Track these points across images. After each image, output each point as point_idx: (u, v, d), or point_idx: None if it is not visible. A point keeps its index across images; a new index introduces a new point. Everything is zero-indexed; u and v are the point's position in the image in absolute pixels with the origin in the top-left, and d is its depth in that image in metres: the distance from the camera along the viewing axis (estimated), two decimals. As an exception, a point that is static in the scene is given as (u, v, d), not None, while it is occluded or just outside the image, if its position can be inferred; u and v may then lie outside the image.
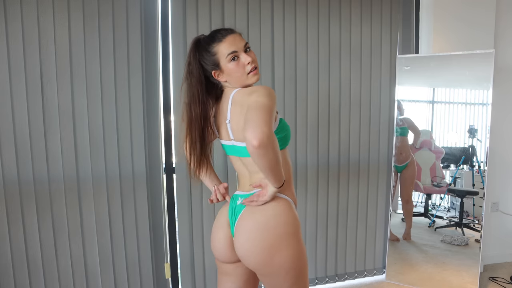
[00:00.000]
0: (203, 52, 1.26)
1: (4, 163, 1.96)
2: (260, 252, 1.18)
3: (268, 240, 1.17)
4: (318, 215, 2.55)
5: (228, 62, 1.24)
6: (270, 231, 1.18)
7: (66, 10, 1.99)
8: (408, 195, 2.73)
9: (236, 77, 1.25)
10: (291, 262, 1.19)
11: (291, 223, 1.21)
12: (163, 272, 2.32)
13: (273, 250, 1.17)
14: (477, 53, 2.44)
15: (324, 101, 2.50)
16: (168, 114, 2.25)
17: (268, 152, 1.05)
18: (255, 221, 1.20)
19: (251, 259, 1.20)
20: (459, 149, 2.62)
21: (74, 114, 2.05)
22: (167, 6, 2.19)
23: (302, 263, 1.23)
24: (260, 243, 1.18)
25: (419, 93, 2.68)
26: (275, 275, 1.20)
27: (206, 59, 1.26)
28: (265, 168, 1.10)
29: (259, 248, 1.18)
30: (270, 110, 1.10)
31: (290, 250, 1.18)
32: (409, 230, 2.70)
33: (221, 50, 1.24)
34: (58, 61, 2.00)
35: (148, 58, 2.19)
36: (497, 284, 2.64)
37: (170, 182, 2.29)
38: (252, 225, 1.20)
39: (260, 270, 1.22)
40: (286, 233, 1.19)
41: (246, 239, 1.20)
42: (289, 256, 1.18)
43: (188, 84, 1.29)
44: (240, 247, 1.22)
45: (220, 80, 1.29)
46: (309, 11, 2.41)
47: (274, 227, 1.18)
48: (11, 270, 2.00)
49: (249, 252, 1.20)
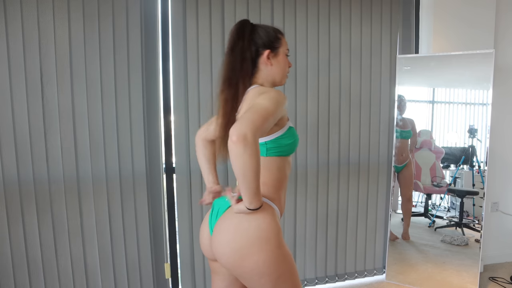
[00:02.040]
0: (261, 31, 1.27)
1: (4, 163, 1.96)
2: (231, 253, 1.15)
3: (239, 242, 1.14)
4: (318, 215, 2.55)
5: (284, 54, 1.31)
6: (242, 233, 1.15)
7: (66, 10, 1.99)
8: (410, 194, 2.73)
9: (280, 70, 1.30)
10: (263, 268, 1.14)
11: (265, 229, 1.15)
12: (163, 272, 2.32)
13: (243, 253, 1.14)
14: (477, 53, 2.44)
15: (324, 101, 2.50)
16: (168, 114, 2.25)
17: (245, 153, 0.99)
18: (229, 221, 1.18)
19: (223, 259, 1.18)
20: (459, 149, 2.62)
21: (74, 114, 2.05)
22: (167, 6, 2.19)
23: (280, 270, 1.16)
24: (231, 244, 1.15)
25: (419, 93, 2.67)
26: (248, 279, 1.17)
27: (264, 36, 1.27)
28: (238, 173, 1.04)
29: (229, 249, 1.16)
30: (267, 116, 1.07)
31: (262, 255, 1.13)
32: (407, 229, 2.70)
33: (284, 43, 1.31)
34: (58, 61, 2.00)
35: (148, 58, 2.19)
36: (497, 284, 2.64)
37: (170, 182, 2.29)
38: (226, 226, 1.19)
39: (233, 271, 1.20)
40: (258, 238, 1.14)
41: (219, 239, 1.19)
42: (260, 261, 1.13)
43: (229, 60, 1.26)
44: (214, 246, 1.21)
45: (265, 63, 1.28)
46: (309, 11, 2.41)
47: (246, 229, 1.14)
48: (11, 270, 2.00)
49: (221, 251, 1.18)
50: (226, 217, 1.20)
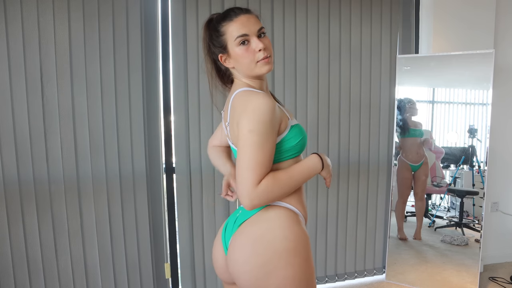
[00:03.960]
0: (212, 31, 1.10)
1: (4, 163, 1.96)
2: (253, 270, 1.01)
3: (263, 257, 1.00)
4: (318, 215, 2.55)
5: (236, 46, 1.06)
6: (266, 245, 1.01)
7: (66, 10, 1.99)
8: (423, 193, 2.72)
9: (244, 64, 1.07)
10: (289, 285, 1.00)
11: (292, 239, 1.02)
12: (163, 272, 2.32)
13: (268, 268, 1.00)
14: (477, 53, 2.44)
15: (324, 101, 2.50)
16: (168, 114, 2.25)
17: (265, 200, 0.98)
18: (249, 234, 1.04)
19: (243, 278, 1.03)
20: (459, 149, 2.62)
21: (74, 114, 2.05)
22: (167, 6, 2.19)
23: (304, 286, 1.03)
24: (252, 259, 1.01)
25: (419, 93, 2.67)
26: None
27: (214, 39, 1.10)
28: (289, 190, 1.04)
29: (252, 265, 1.01)
30: (261, 146, 0.97)
31: (289, 270, 1.00)
32: (419, 229, 2.69)
33: (230, 31, 1.06)
34: (58, 61, 2.00)
35: (148, 58, 2.19)
36: (497, 284, 2.64)
37: (170, 182, 2.29)
38: (245, 239, 1.04)
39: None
40: (286, 249, 1.00)
41: (236, 256, 1.04)
42: (287, 277, 1.00)
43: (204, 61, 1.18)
44: (231, 265, 1.07)
45: (227, 66, 1.13)
46: (309, 11, 2.41)
47: (271, 241, 1.01)
48: (11, 270, 2.00)
49: (241, 270, 1.03)
50: (243, 231, 1.07)
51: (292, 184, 1.04)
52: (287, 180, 1.03)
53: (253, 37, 1.06)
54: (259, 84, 1.14)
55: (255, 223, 1.06)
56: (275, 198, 1.01)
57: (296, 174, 1.05)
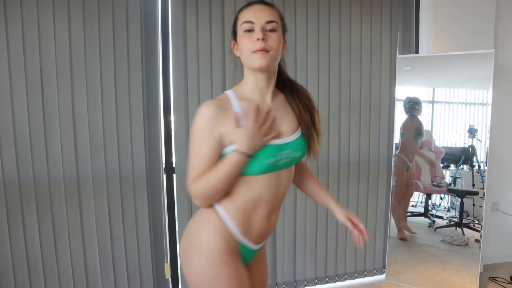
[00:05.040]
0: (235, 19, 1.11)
1: (4, 163, 1.95)
2: (180, 251, 1.15)
3: (181, 248, 1.14)
4: (318, 215, 2.55)
5: (242, 32, 1.04)
6: (186, 238, 1.14)
7: (66, 10, 1.99)
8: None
9: (243, 52, 1.05)
10: (190, 279, 1.08)
11: (204, 239, 1.08)
12: (163, 272, 2.32)
13: (182, 258, 1.12)
14: (477, 53, 2.44)
15: (324, 101, 2.50)
16: (168, 114, 2.25)
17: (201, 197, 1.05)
18: (185, 231, 1.18)
19: None
20: (459, 149, 2.62)
21: (74, 114, 2.05)
22: (167, 6, 2.19)
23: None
24: (181, 253, 1.15)
25: (419, 93, 2.67)
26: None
27: (232, 26, 1.11)
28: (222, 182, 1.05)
29: (181, 260, 1.14)
30: (194, 149, 1.04)
31: (194, 265, 1.07)
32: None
33: (241, 17, 1.05)
34: (58, 61, 2.00)
35: (148, 57, 2.18)
36: (497, 284, 2.64)
37: (170, 182, 2.29)
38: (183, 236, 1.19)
39: None
40: (198, 245, 1.08)
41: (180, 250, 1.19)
42: (189, 273, 1.09)
43: None
44: None
45: (237, 56, 1.11)
46: (309, 11, 2.41)
47: (189, 236, 1.12)
48: (11, 270, 2.00)
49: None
50: None
51: (216, 176, 1.01)
52: (211, 174, 1.02)
53: (258, 27, 1.02)
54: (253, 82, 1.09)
55: (189, 222, 1.17)
56: (209, 194, 1.04)
57: (219, 167, 1.02)
